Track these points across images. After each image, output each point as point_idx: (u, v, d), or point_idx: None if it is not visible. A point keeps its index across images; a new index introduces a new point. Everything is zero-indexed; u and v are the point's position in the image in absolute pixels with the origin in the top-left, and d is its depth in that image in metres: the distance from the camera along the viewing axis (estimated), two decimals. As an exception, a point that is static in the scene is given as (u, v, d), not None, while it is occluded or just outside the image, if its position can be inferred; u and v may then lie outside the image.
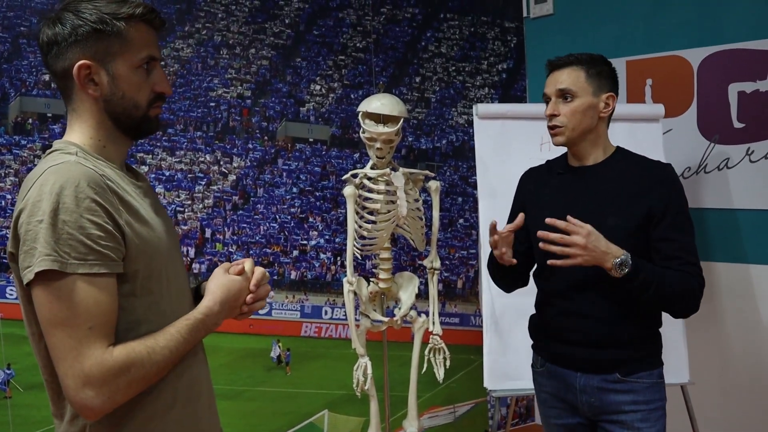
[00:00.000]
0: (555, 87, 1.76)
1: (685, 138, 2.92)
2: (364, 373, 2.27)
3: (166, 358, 1.14)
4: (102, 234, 1.08)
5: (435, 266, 2.36)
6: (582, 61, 1.76)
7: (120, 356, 1.09)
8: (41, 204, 1.06)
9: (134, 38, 1.18)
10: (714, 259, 2.89)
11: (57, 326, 1.07)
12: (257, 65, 3.01)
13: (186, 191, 2.88)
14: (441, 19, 3.36)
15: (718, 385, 2.85)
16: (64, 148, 1.18)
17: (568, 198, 1.80)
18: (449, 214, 3.31)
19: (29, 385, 2.59)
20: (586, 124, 1.76)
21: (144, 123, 1.23)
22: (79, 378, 1.06)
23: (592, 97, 1.75)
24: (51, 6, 2.70)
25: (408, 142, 3.27)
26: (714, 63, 2.85)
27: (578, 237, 1.58)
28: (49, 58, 1.18)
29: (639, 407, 1.74)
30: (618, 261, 1.59)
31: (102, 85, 1.17)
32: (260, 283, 1.28)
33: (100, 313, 1.08)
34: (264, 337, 3.01)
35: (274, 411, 3.00)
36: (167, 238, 1.26)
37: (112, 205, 1.11)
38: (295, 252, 3.06)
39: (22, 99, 2.65)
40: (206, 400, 1.31)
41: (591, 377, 1.76)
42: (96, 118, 1.19)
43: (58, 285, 1.06)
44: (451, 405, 3.33)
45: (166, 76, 1.25)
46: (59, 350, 1.07)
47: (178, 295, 1.26)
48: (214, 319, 1.22)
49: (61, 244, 1.05)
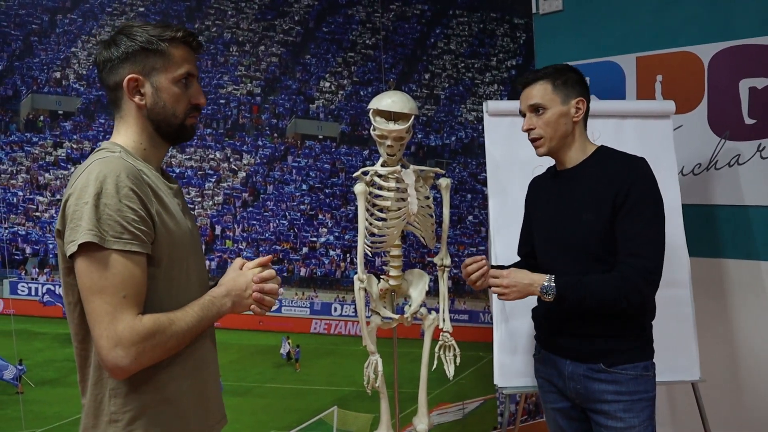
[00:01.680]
0: (527, 103, 1.91)
1: (695, 134, 2.91)
2: (375, 370, 2.26)
3: (183, 330, 1.30)
4: (136, 218, 1.25)
5: (445, 263, 2.35)
6: (547, 75, 1.90)
7: (147, 323, 1.25)
8: (88, 189, 1.24)
9: (175, 57, 1.38)
10: (725, 256, 2.87)
11: (95, 293, 1.24)
12: (267, 62, 3.02)
13: (196, 188, 2.89)
14: (450, 16, 3.35)
15: (729, 382, 2.84)
16: (110, 147, 1.36)
17: (554, 201, 1.96)
18: (458, 211, 3.31)
19: (41, 381, 2.61)
20: (562, 130, 1.89)
21: (181, 130, 1.42)
22: (112, 339, 1.23)
23: (561, 106, 1.88)
24: (62, 4, 2.70)
25: (417, 139, 3.27)
26: (725, 59, 2.84)
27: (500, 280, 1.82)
28: (104, 74, 1.39)
29: (621, 397, 1.83)
30: (542, 289, 1.78)
31: (147, 95, 1.37)
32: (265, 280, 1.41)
33: (133, 284, 1.25)
34: (273, 333, 3.02)
35: (284, 407, 3.01)
36: (191, 237, 1.43)
37: (146, 195, 1.29)
38: (304, 249, 3.06)
39: (34, 96, 2.66)
40: (213, 376, 1.47)
41: (578, 365, 1.89)
42: (140, 124, 1.39)
43: (98, 257, 1.23)
44: (461, 402, 3.33)
45: (202, 90, 1.44)
46: (96, 314, 1.24)
47: (197, 288, 1.41)
48: (221, 301, 1.38)
49: (102, 222, 1.23)
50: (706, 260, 2.87)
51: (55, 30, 2.69)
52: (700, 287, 2.78)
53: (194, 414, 1.40)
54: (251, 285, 1.40)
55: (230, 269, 1.45)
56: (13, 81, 2.63)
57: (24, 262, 2.63)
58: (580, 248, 1.86)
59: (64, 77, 2.69)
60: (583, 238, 1.84)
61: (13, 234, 2.60)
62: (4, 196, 2.59)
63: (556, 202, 1.96)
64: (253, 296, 1.40)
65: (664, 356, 2.37)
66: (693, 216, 2.85)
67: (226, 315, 1.41)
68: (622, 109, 2.67)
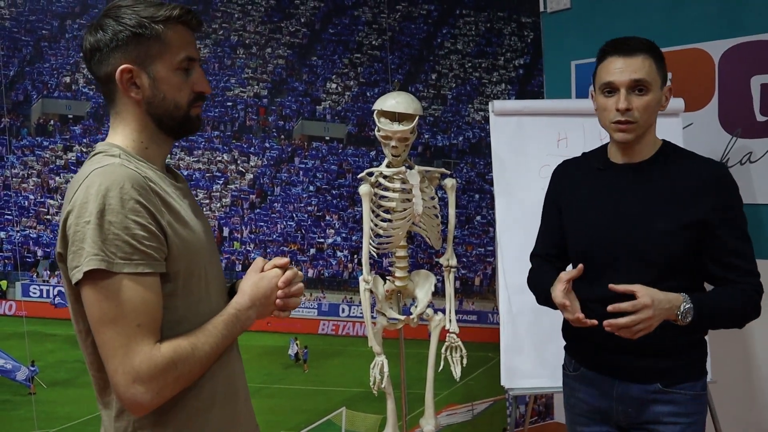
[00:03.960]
0: (630, 76, 1.55)
1: (706, 132, 2.87)
2: (381, 371, 2.27)
3: (207, 353, 1.17)
4: (146, 234, 1.11)
5: (451, 264, 2.35)
6: (651, 48, 1.58)
7: (167, 352, 1.12)
8: (88, 205, 1.09)
9: (172, 40, 1.20)
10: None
11: (106, 324, 1.09)
12: (273, 64, 3.03)
13: (204, 190, 2.91)
14: (457, 16, 3.34)
15: (741, 383, 2.81)
16: (108, 150, 1.20)
17: (611, 199, 1.66)
18: (466, 212, 3.30)
19: (52, 381, 2.64)
20: (653, 119, 1.61)
21: (186, 122, 1.25)
22: (129, 374, 1.09)
23: (659, 91, 1.60)
24: (72, 10, 2.73)
25: (424, 139, 3.27)
26: (735, 55, 2.80)
27: (646, 312, 1.45)
28: (93, 65, 1.22)
29: (679, 419, 1.63)
30: (681, 313, 1.50)
31: (144, 88, 1.20)
32: (290, 282, 1.28)
33: (147, 310, 1.11)
34: (281, 334, 3.03)
35: (293, 408, 3.02)
36: (206, 239, 1.28)
37: (155, 206, 1.14)
38: (312, 250, 3.07)
39: (44, 101, 2.69)
40: (243, 397, 1.33)
41: (629, 386, 1.65)
42: (139, 120, 1.22)
43: (106, 284, 1.09)
44: (470, 403, 3.32)
45: (205, 76, 1.27)
46: (109, 348, 1.10)
47: (216, 296, 1.28)
48: (246, 314, 1.23)
49: (108, 244, 1.08)
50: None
51: (65, 35, 2.72)
52: (711, 287, 2.75)
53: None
54: (275, 290, 1.26)
55: (251, 271, 1.29)
56: (24, 86, 2.66)
57: (35, 265, 2.66)
58: (651, 258, 1.59)
59: (74, 82, 2.72)
60: (655, 250, 1.59)
61: (25, 237, 2.64)
62: (16, 199, 2.63)
63: (610, 200, 1.65)
64: (276, 303, 1.26)
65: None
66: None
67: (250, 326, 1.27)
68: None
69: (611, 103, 1.59)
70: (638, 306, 1.45)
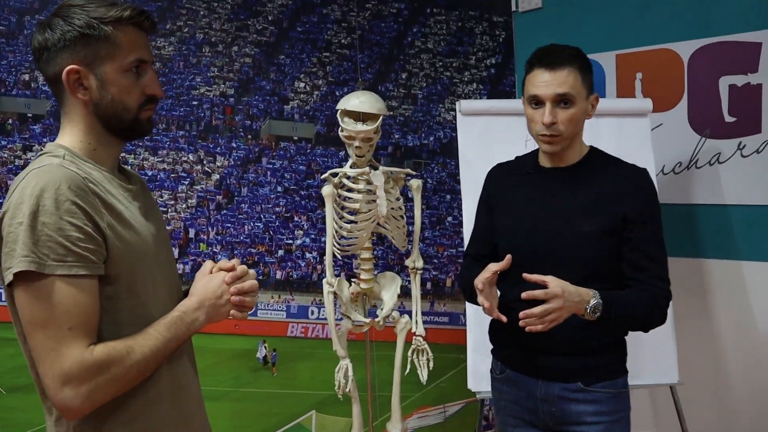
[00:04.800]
0: (555, 90, 1.58)
1: (675, 133, 2.87)
2: (345, 375, 2.24)
3: (146, 356, 1.14)
4: (81, 236, 1.09)
5: (417, 266, 2.32)
6: (575, 58, 1.60)
7: (100, 354, 1.10)
8: (22, 206, 1.08)
9: (122, 42, 1.19)
10: (706, 256, 2.84)
11: (37, 327, 1.09)
12: (240, 63, 2.98)
13: (169, 191, 2.85)
14: (427, 14, 3.31)
15: (708, 384, 2.81)
16: (52, 151, 1.20)
17: (540, 202, 1.71)
18: (437, 212, 3.27)
19: (12, 387, 2.58)
20: (579, 130, 1.66)
21: (136, 125, 1.24)
22: (58, 378, 1.08)
23: (584, 102, 1.63)
24: (30, 5, 2.67)
25: (395, 139, 3.23)
26: (704, 56, 2.80)
27: (556, 302, 1.48)
28: (41, 64, 1.21)
29: (602, 418, 1.66)
30: (590, 308, 1.53)
31: (91, 89, 1.19)
32: (238, 279, 1.26)
33: (80, 313, 1.10)
34: (250, 337, 2.98)
35: (261, 412, 2.98)
36: (155, 242, 1.26)
37: (94, 207, 1.13)
38: (280, 251, 3.03)
39: (2, 99, 2.62)
40: (194, 398, 1.32)
41: (552, 385, 1.68)
42: (86, 121, 1.21)
43: (37, 286, 1.08)
44: (441, 405, 3.30)
45: (157, 79, 1.26)
46: (40, 351, 1.09)
47: (166, 299, 1.26)
48: (192, 316, 1.22)
49: (40, 245, 1.07)
50: (686, 260, 2.83)
51: (23, 31, 2.65)
52: (680, 287, 2.72)
53: None
54: (225, 288, 1.24)
55: (199, 275, 1.28)
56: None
57: (-7, 268, 2.59)
58: (575, 260, 1.63)
59: (33, 79, 2.65)
60: (580, 251, 1.63)
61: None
62: (-27, 200, 2.56)
63: (543, 204, 1.69)
64: (231, 300, 1.24)
65: (641, 358, 2.33)
66: (674, 215, 2.81)
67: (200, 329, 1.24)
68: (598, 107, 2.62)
69: (538, 115, 1.62)
70: (549, 294, 1.48)
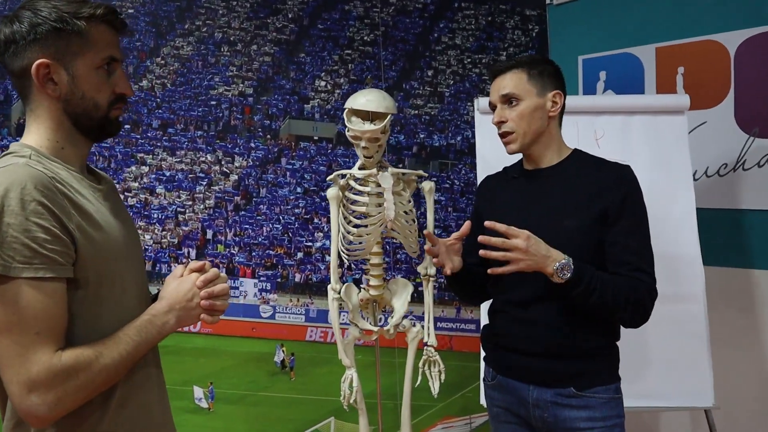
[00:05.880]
0: (498, 93, 1.74)
1: (720, 131, 2.65)
2: (350, 385, 2.15)
3: (115, 361, 1.12)
4: (48, 237, 1.06)
5: (429, 273, 2.19)
6: (522, 63, 1.73)
7: (68, 360, 1.07)
8: None
9: (95, 38, 1.17)
10: (752, 266, 2.60)
11: (2, 332, 1.05)
12: (259, 62, 2.94)
13: (187, 192, 2.84)
14: (455, 9, 3.17)
15: (750, 408, 2.57)
16: (18, 151, 1.16)
17: (523, 202, 1.75)
18: (465, 215, 3.13)
19: None
20: (536, 126, 1.72)
21: (105, 124, 1.22)
22: (24, 384, 1.04)
23: (537, 98, 1.71)
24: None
25: (420, 139, 3.12)
26: (753, 47, 2.57)
27: (518, 240, 1.53)
28: (7, 57, 1.17)
29: (595, 424, 1.65)
30: (559, 265, 1.53)
31: (62, 84, 1.16)
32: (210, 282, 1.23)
33: (48, 317, 1.06)
34: (268, 340, 2.94)
35: (279, 417, 2.93)
36: (125, 243, 1.22)
37: (62, 208, 1.09)
38: (299, 254, 2.97)
39: (26, 101, 2.67)
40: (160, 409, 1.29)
41: (544, 391, 1.68)
42: (55, 119, 1.18)
43: (2, 289, 1.04)
44: (467, 416, 3.16)
45: (127, 78, 1.24)
46: (5, 356, 1.05)
47: (135, 302, 1.23)
48: (162, 320, 1.19)
49: (5, 247, 1.03)
50: (731, 270, 2.61)
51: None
52: (723, 300, 2.53)
53: None
54: (196, 292, 1.22)
55: (170, 278, 1.26)
56: (4, 86, 2.64)
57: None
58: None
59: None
60: (564, 247, 1.61)
61: None
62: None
63: (527, 204, 1.75)
64: (201, 304, 1.22)
65: (672, 378, 2.16)
66: (717, 221, 2.60)
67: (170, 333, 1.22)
68: (630, 104, 2.44)
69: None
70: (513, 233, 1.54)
